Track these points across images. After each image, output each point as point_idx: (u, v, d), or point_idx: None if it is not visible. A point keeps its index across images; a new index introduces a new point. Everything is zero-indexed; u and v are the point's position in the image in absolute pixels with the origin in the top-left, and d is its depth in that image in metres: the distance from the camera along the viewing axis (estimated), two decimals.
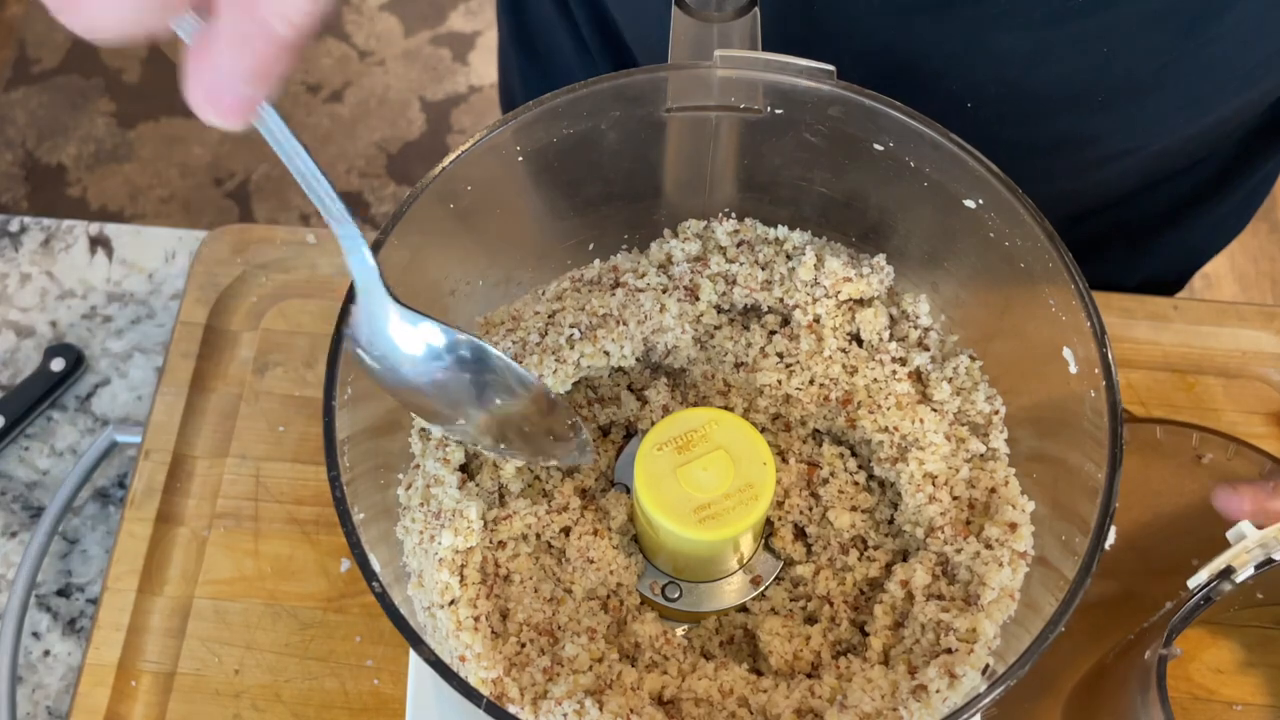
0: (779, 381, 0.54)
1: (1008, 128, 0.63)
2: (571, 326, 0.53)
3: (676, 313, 0.54)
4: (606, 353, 0.53)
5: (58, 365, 0.71)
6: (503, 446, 0.46)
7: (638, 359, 0.55)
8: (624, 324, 0.53)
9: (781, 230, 0.56)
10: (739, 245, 0.56)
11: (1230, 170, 0.75)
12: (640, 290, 0.55)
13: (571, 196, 0.57)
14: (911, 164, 0.52)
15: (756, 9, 0.51)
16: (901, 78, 0.59)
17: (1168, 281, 0.84)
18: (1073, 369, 0.49)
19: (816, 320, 0.54)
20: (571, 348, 0.53)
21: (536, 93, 0.50)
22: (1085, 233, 0.76)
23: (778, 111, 0.52)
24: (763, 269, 0.55)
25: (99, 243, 0.77)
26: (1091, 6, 0.56)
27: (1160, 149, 0.68)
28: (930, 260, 0.55)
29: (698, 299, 0.55)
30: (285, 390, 0.70)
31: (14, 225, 0.78)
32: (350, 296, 0.41)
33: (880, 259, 0.55)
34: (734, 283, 0.55)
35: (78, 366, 0.72)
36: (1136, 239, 0.79)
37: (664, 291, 0.55)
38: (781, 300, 0.55)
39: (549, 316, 0.54)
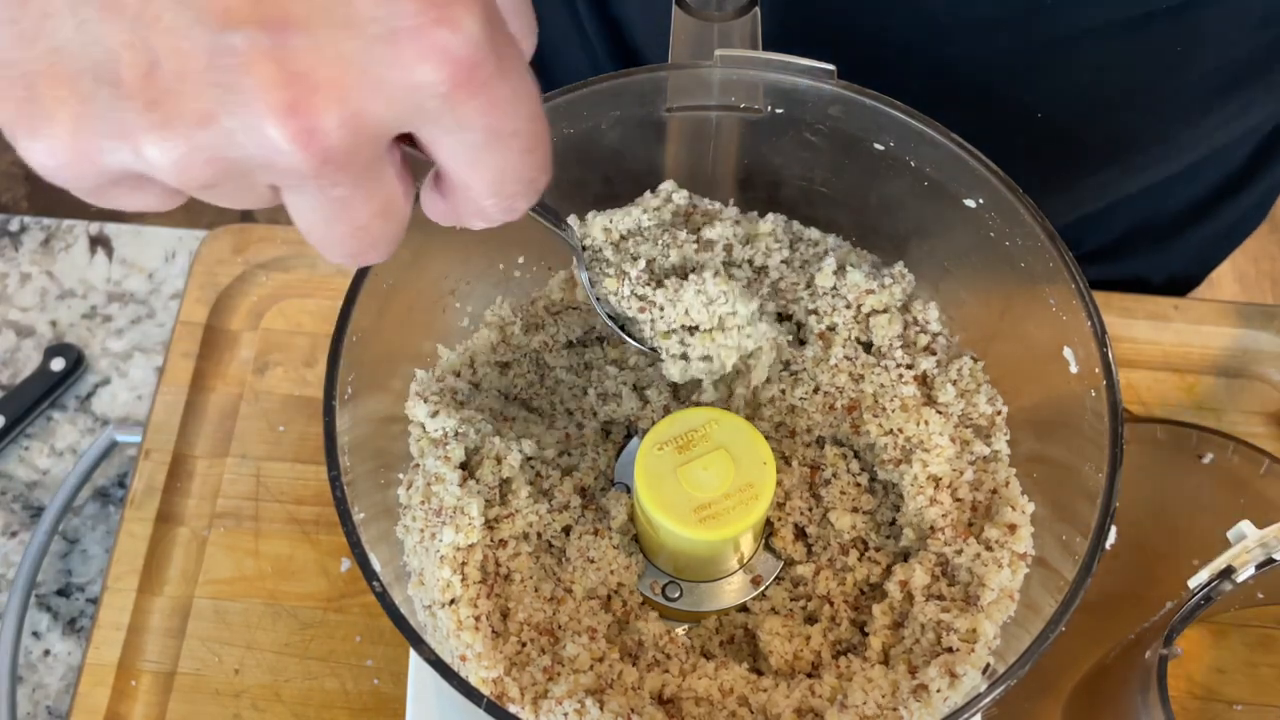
0: (783, 392, 0.54)
1: (1076, 131, 0.63)
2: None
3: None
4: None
5: (58, 365, 0.71)
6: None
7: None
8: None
9: (814, 231, 0.56)
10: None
11: (1253, 165, 0.75)
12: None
13: (571, 196, 0.57)
14: (912, 163, 0.52)
15: (757, 8, 0.51)
16: (972, 90, 0.59)
17: (1190, 277, 0.84)
18: (1073, 369, 0.49)
19: (830, 329, 0.54)
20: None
21: None
22: (1117, 228, 0.76)
23: (778, 111, 0.52)
24: (800, 268, 0.55)
25: (99, 242, 0.77)
26: (1178, 9, 0.56)
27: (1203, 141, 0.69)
28: (931, 260, 0.55)
29: None
30: (285, 390, 0.70)
31: (14, 225, 0.78)
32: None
33: (899, 267, 0.55)
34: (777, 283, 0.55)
35: (78, 366, 0.72)
36: (1164, 234, 0.79)
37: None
38: (804, 307, 0.55)
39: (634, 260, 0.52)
